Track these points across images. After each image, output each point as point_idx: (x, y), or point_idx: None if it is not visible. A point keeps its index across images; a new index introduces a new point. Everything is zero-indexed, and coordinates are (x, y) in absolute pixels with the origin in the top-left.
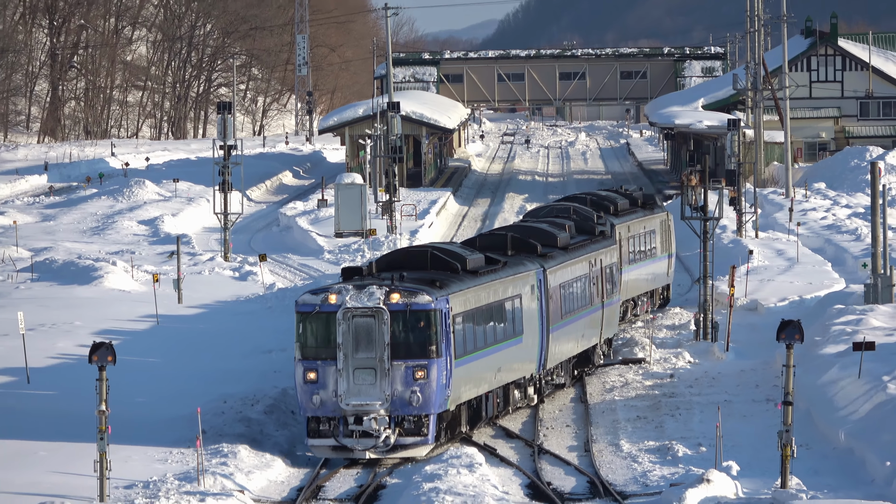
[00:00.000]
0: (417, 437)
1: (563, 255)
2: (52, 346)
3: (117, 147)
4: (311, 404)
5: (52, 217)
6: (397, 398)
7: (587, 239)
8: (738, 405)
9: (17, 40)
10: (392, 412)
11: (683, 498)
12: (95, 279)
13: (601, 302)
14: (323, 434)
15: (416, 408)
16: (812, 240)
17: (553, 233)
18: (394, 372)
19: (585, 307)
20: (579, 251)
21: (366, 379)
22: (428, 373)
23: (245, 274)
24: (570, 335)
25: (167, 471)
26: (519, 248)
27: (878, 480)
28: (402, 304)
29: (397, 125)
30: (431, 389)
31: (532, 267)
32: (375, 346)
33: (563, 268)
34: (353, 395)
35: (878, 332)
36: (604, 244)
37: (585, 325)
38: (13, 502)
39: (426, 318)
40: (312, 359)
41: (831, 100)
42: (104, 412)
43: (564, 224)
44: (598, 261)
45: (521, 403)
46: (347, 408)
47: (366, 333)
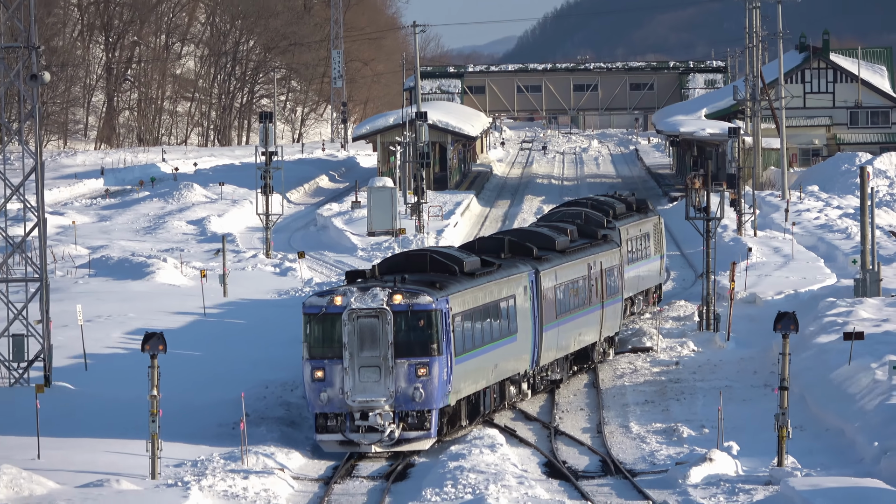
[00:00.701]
0: (421, 432)
1: (558, 258)
2: (107, 336)
3: (168, 153)
4: (318, 401)
5: (108, 218)
6: (401, 394)
7: (587, 242)
8: (739, 390)
9: (75, 55)
10: (396, 408)
11: (688, 476)
12: (147, 275)
13: (601, 302)
14: (330, 429)
15: (419, 403)
16: (806, 238)
17: (552, 236)
18: (397, 370)
19: (583, 307)
20: (577, 254)
21: (371, 377)
22: (430, 370)
23: (285, 270)
24: (566, 333)
25: (213, 450)
26: (515, 251)
27: (867, 459)
28: (404, 304)
29: (425, 133)
30: (433, 386)
31: (525, 269)
32: (380, 345)
33: (558, 270)
34: (359, 392)
35: (866, 323)
36: (605, 247)
37: (583, 324)
38: (72, 480)
39: (427, 318)
40: (320, 358)
41: (823, 109)
42: (155, 397)
43: (566, 228)
44: (597, 263)
45: (515, 399)
46: (354, 404)
47: (370, 333)
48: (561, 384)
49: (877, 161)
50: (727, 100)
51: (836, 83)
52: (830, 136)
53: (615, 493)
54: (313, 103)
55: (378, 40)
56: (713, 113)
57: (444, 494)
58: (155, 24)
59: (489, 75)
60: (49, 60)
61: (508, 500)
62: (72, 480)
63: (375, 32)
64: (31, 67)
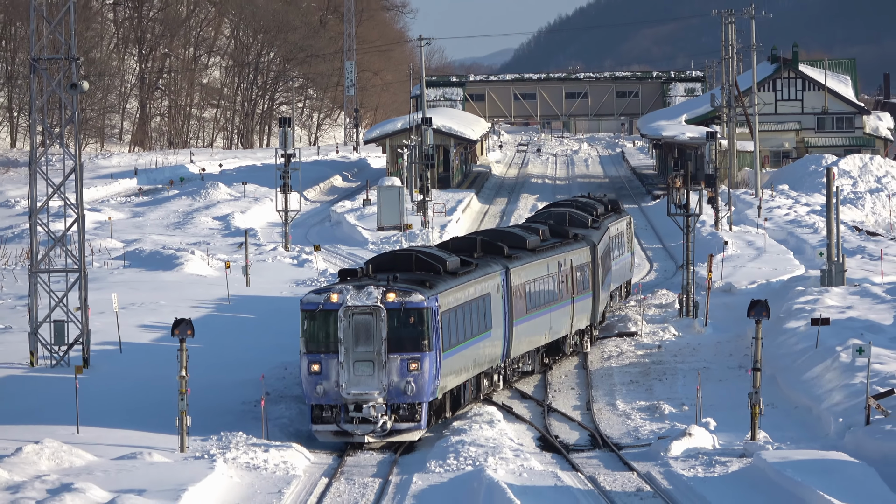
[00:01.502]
0: (412, 423)
1: (529, 257)
2: (140, 322)
3: (195, 155)
4: (314, 393)
5: (141, 214)
6: (393, 388)
7: (558, 241)
8: (715, 371)
9: (111, 66)
10: (389, 400)
11: (669, 449)
12: (177, 266)
13: (571, 297)
14: (326, 420)
15: (411, 397)
16: (777, 232)
17: (523, 236)
18: (390, 364)
19: (553, 302)
20: (547, 252)
21: (365, 370)
22: (421, 365)
23: (302, 261)
24: (536, 328)
25: (237, 426)
26: (487, 251)
27: (832, 434)
28: (397, 302)
29: (430, 137)
30: (424, 380)
31: (497, 267)
32: (373, 341)
33: (528, 267)
34: (354, 385)
35: (832, 310)
36: (575, 246)
37: (553, 319)
38: (108, 452)
39: (419, 316)
40: (316, 352)
41: (793, 115)
42: (184, 377)
43: (538, 228)
44: (567, 261)
45: (488, 390)
46: (348, 396)
47: (365, 329)
48: (553, 367)
49: (841, 162)
50: (705, 107)
51: (805, 91)
52: (799, 139)
53: (603, 464)
54: (328, 110)
55: (387, 52)
56: (692, 119)
57: (447, 466)
58: (184, 37)
59: (488, 84)
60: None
61: (505, 471)
62: (108, 453)
63: (385, 45)
64: (71, 77)
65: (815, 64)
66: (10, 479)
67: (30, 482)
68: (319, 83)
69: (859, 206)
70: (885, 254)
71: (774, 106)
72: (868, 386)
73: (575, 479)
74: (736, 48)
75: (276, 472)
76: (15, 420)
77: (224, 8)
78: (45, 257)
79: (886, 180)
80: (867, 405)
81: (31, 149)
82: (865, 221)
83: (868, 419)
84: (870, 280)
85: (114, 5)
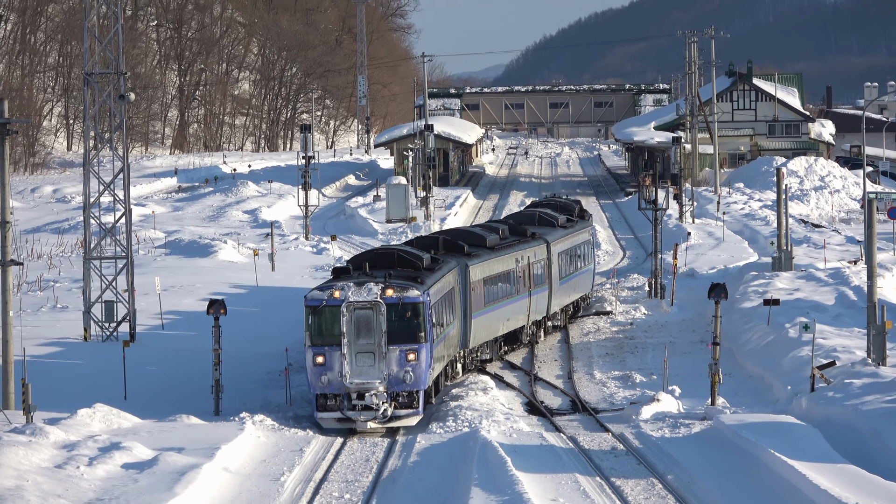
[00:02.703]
0: (410, 410)
1: (487, 254)
2: (179, 302)
3: (227, 157)
4: (319, 383)
5: (180, 208)
6: (393, 377)
7: (517, 239)
8: (680, 345)
9: (154, 80)
10: (389, 389)
11: (640, 413)
12: (211, 253)
13: (528, 291)
14: (330, 408)
15: (409, 385)
16: (734, 225)
17: (483, 235)
18: (390, 355)
19: (510, 296)
20: (505, 250)
21: (366, 361)
22: (418, 355)
23: (321, 249)
24: (493, 320)
25: (263, 392)
26: (448, 249)
27: (782, 400)
28: (395, 297)
29: (431, 141)
30: (421, 369)
31: (455, 264)
32: (374, 334)
33: (486, 264)
34: (356, 375)
35: (781, 292)
36: (532, 244)
37: (511, 311)
38: (152, 415)
39: (415, 310)
40: (320, 345)
41: (747, 122)
42: (218, 350)
43: (498, 228)
44: (525, 257)
45: (451, 377)
46: (351, 386)
47: (366, 323)
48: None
49: (790, 164)
50: (671, 115)
51: (758, 102)
52: (753, 143)
53: (582, 426)
54: (343, 117)
55: (394, 67)
56: (660, 125)
57: (446, 427)
58: (217, 55)
59: (482, 95)
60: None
61: (497, 432)
62: (151, 416)
63: (392, 61)
64: (120, 89)
65: (766, 78)
66: (66, 439)
67: (83, 441)
68: (335, 94)
69: (805, 202)
70: (827, 243)
71: (731, 114)
72: (813, 358)
73: (558, 439)
74: (698, 64)
75: (298, 432)
76: (71, 387)
77: (253, 29)
78: (97, 246)
79: (829, 179)
80: (812, 375)
81: (85, 152)
82: (811, 215)
83: (813, 387)
84: (814, 266)
85: (157, 27)
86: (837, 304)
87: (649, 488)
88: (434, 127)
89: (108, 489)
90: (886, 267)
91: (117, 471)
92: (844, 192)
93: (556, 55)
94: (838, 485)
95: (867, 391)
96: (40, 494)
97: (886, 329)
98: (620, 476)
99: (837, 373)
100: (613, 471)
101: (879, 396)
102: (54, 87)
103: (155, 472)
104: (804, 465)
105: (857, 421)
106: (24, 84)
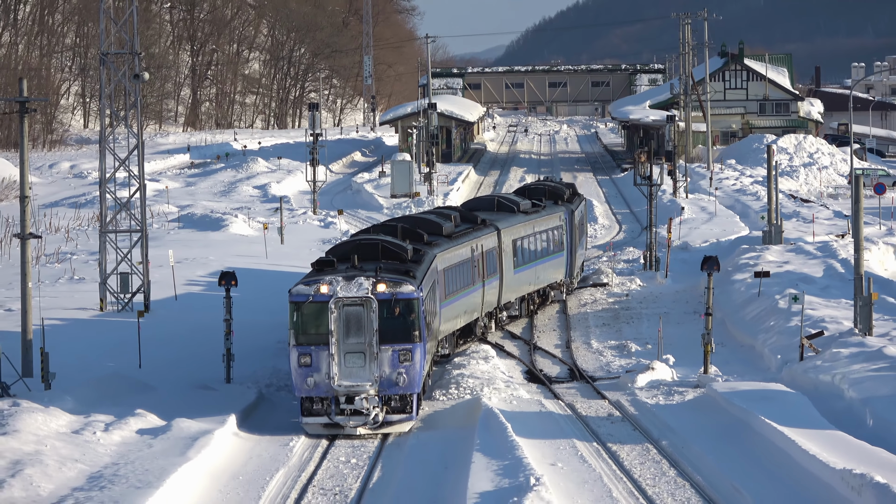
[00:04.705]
0: (403, 415)
1: (446, 242)
2: (192, 274)
3: (238, 134)
4: (305, 386)
5: (193, 184)
6: (385, 379)
7: (470, 227)
8: (674, 316)
9: (168, 60)
10: (380, 392)
11: (635, 381)
12: (223, 227)
13: (482, 281)
14: (316, 413)
15: (403, 388)
16: (725, 199)
17: (439, 222)
18: (382, 356)
19: (467, 286)
20: (461, 238)
21: (356, 362)
22: (412, 356)
23: (328, 223)
24: (455, 312)
25: (275, 361)
26: (407, 237)
27: (772, 369)
28: (388, 293)
29: (435, 119)
30: (415, 371)
31: (431, 255)
32: (365, 332)
33: (447, 253)
34: (345, 377)
35: (772, 265)
36: (485, 231)
37: (468, 303)
38: (163, 384)
39: (409, 307)
40: (306, 344)
41: (739, 102)
42: (229, 320)
43: (450, 214)
44: (479, 245)
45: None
46: (340, 389)
47: (356, 321)
48: (537, 313)
49: (780, 141)
50: (666, 94)
51: (749, 81)
52: (744, 121)
53: (580, 393)
54: (349, 96)
55: (399, 48)
56: (655, 104)
57: (449, 395)
58: (228, 35)
59: (484, 75)
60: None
61: (498, 399)
62: (164, 384)
63: (397, 42)
64: (134, 69)
65: (757, 58)
66: (83, 405)
67: (99, 408)
68: (342, 74)
69: (794, 178)
70: (816, 217)
71: (723, 93)
72: (802, 328)
73: (556, 406)
74: (691, 45)
75: None
76: (87, 356)
77: (262, 11)
78: (112, 220)
79: (817, 156)
80: (801, 344)
81: (101, 129)
82: (800, 190)
83: (802, 356)
84: (803, 240)
85: (170, 8)
86: (825, 277)
87: (644, 453)
88: (437, 105)
89: (123, 454)
90: (872, 240)
91: (132, 436)
92: (832, 169)
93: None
94: (826, 450)
95: (854, 360)
96: (58, 459)
97: (872, 300)
98: (617, 441)
99: (825, 342)
100: (610, 436)
101: (866, 365)
102: (71, 67)
103: (169, 437)
104: (793, 431)
105: (844, 388)
106: (43, 64)
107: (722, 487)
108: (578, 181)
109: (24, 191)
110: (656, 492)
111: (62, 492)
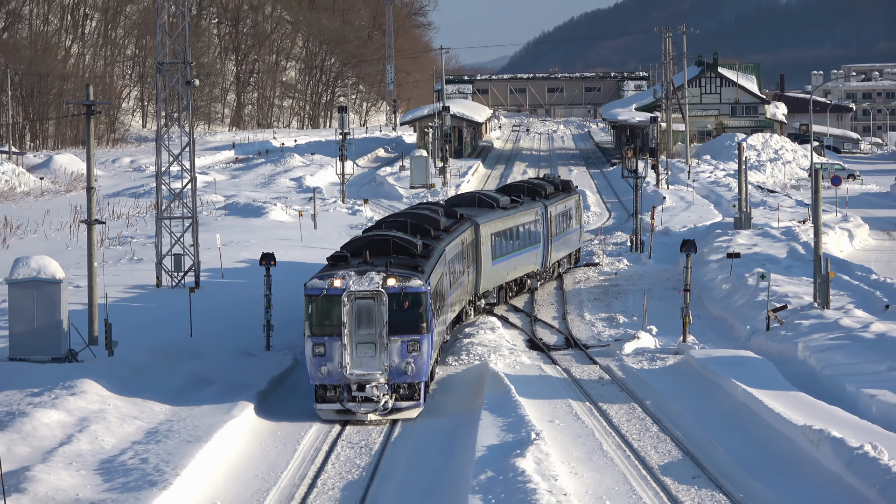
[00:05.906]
0: (412, 402)
1: (446, 237)
2: (236, 255)
3: (277, 133)
4: (318, 374)
5: (237, 176)
6: (394, 368)
7: (454, 222)
8: (657, 292)
9: (215, 68)
10: (390, 380)
11: (623, 348)
12: (263, 214)
13: (467, 273)
14: (329, 400)
15: (411, 376)
16: (701, 190)
17: (436, 218)
18: (391, 346)
19: (461, 276)
20: (453, 233)
21: (367, 352)
22: (420, 346)
23: (355, 211)
24: (455, 302)
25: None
26: (416, 232)
27: (742, 338)
28: (397, 287)
29: (448, 120)
30: (423, 361)
31: (439, 249)
32: (375, 324)
33: (451, 247)
34: (357, 366)
35: (742, 247)
36: (465, 225)
37: (458, 295)
38: (210, 352)
39: (417, 300)
40: (320, 335)
41: (713, 105)
42: (269, 295)
43: (437, 209)
44: (463, 239)
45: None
46: (352, 377)
47: (367, 313)
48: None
49: (749, 139)
50: (650, 98)
51: (722, 87)
52: (718, 122)
53: (574, 360)
54: (374, 100)
55: (417, 58)
56: (640, 107)
57: (460, 360)
58: (269, 47)
59: (491, 82)
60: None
61: (503, 364)
62: (212, 352)
63: (415, 53)
64: (186, 76)
65: (729, 67)
66: (141, 370)
67: (156, 370)
68: (367, 81)
69: (762, 171)
70: (780, 206)
71: (700, 98)
72: (768, 302)
73: (554, 370)
74: (672, 55)
75: None
76: (146, 326)
77: (298, 26)
78: (167, 207)
79: (782, 152)
80: (767, 316)
81: (157, 129)
82: (766, 182)
83: (768, 326)
84: (770, 225)
85: (217, 23)
86: (789, 257)
87: (630, 411)
88: (450, 108)
89: (175, 412)
90: (830, 226)
91: (184, 396)
92: (795, 163)
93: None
94: (789, 409)
95: (813, 330)
96: (119, 416)
97: (830, 278)
98: (606, 401)
99: (788, 315)
100: (601, 397)
101: (824, 335)
102: (131, 75)
103: (215, 397)
104: (760, 392)
105: (805, 355)
106: (107, 72)
107: (698, 441)
108: (573, 174)
109: (90, 182)
110: (641, 445)
111: (123, 445)
